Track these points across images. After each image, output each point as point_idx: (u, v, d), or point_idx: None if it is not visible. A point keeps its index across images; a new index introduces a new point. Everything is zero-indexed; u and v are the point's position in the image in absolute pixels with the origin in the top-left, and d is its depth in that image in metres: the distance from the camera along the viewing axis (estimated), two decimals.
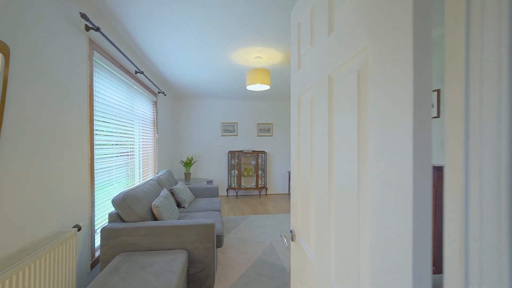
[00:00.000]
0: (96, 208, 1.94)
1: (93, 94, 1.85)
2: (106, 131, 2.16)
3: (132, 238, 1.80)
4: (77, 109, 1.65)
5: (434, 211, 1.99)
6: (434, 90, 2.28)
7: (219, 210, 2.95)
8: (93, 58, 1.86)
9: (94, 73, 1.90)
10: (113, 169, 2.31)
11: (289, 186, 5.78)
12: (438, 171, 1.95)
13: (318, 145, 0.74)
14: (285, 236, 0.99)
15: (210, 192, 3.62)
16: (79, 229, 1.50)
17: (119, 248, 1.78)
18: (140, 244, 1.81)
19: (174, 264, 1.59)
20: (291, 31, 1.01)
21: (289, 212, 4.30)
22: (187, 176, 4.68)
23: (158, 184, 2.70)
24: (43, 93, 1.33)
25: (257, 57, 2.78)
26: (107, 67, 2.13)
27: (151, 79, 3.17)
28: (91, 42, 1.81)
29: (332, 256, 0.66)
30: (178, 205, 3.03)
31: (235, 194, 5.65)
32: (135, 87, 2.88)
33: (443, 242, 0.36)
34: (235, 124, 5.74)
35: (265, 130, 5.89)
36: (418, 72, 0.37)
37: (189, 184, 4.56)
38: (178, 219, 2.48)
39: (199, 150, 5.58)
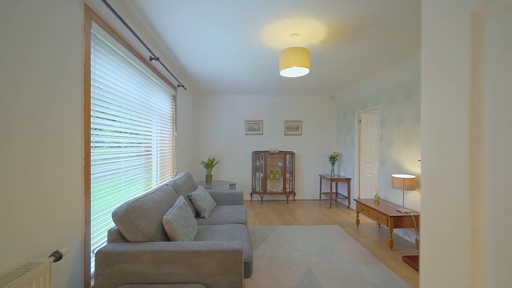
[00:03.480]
0: (95, 222, 1.53)
1: (90, 78, 1.44)
2: (110, 125, 1.75)
3: (135, 266, 1.35)
4: (65, 96, 1.24)
5: None
6: None
7: (245, 223, 2.44)
8: (90, 30, 1.45)
9: (93, 52, 1.50)
10: (121, 172, 1.91)
11: (320, 192, 5.11)
12: None
13: None
14: None
15: (234, 198, 3.14)
16: (59, 258, 1.08)
17: (118, 278, 1.34)
18: (145, 275, 1.36)
19: None
20: None
21: (324, 223, 3.67)
22: (208, 178, 4.26)
23: (174, 190, 2.27)
24: (6, 72, 0.92)
25: (293, 35, 2.23)
26: (112, 46, 1.73)
27: (169, 69, 2.77)
28: (87, 9, 1.41)
29: None
30: (197, 214, 2.58)
31: (260, 198, 5.12)
32: (151, 77, 2.48)
33: None
34: (260, 122, 5.22)
35: (293, 128, 5.29)
36: None
37: (210, 187, 4.13)
38: (196, 234, 2.02)
39: (221, 150, 5.15)
